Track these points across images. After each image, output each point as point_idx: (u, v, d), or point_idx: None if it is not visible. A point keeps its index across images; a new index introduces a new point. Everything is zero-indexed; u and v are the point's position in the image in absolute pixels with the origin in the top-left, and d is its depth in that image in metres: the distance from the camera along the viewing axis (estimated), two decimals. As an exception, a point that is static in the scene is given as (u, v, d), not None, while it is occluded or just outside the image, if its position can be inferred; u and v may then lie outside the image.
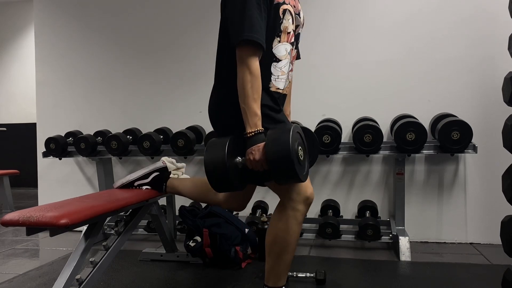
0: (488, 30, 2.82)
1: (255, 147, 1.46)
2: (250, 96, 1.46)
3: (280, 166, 1.41)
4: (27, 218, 1.52)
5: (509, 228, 1.56)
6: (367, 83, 3.02)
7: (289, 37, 1.62)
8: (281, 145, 1.40)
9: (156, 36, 3.42)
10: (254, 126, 1.47)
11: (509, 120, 1.59)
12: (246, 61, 1.46)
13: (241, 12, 1.46)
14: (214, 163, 1.46)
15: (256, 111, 1.47)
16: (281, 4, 1.56)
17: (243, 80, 1.47)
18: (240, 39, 1.45)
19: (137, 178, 2.15)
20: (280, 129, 1.47)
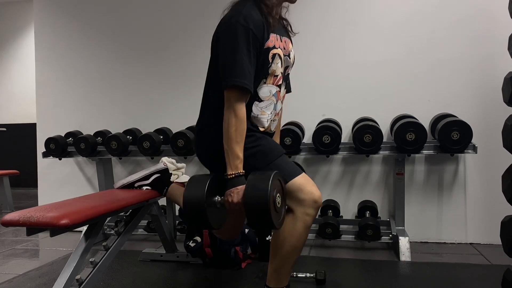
0: (488, 30, 2.82)
1: (234, 190, 1.49)
2: (233, 139, 1.50)
3: (256, 213, 1.44)
4: (27, 218, 1.52)
5: (509, 228, 1.56)
6: (367, 83, 3.02)
7: (275, 80, 1.65)
8: (259, 193, 1.42)
9: (156, 36, 3.42)
10: (235, 168, 1.51)
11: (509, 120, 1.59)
12: (233, 105, 1.50)
13: (232, 57, 1.50)
14: (192, 201, 1.49)
15: (238, 153, 1.51)
16: (271, 48, 1.59)
17: (228, 122, 1.51)
18: (230, 84, 1.49)
19: (138, 179, 2.15)
20: (260, 176, 1.48)
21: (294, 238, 1.58)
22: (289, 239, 1.58)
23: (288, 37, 1.75)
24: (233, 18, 1.52)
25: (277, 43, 1.61)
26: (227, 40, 1.53)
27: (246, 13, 1.52)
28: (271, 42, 1.59)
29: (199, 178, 1.56)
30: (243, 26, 1.49)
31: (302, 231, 1.58)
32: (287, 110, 3.09)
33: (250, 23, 1.50)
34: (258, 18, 1.54)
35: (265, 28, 1.55)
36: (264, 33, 1.55)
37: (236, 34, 1.50)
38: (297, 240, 1.59)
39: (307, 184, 1.60)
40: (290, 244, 1.59)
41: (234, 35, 1.50)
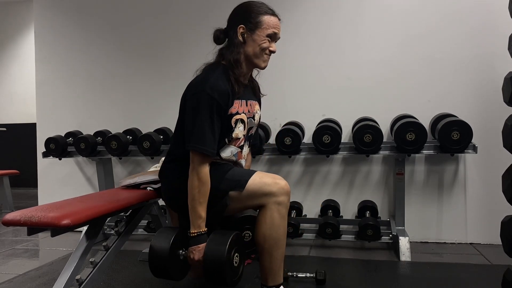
0: (488, 30, 2.82)
1: (195, 248, 1.61)
2: (196, 200, 1.60)
3: (213, 274, 1.58)
4: (28, 218, 1.52)
5: (509, 228, 1.56)
6: (367, 83, 3.02)
7: (237, 142, 1.78)
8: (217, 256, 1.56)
9: (156, 36, 3.42)
10: (197, 227, 1.61)
11: (509, 120, 1.60)
12: (196, 167, 1.61)
13: (194, 123, 1.61)
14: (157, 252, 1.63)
15: (200, 213, 1.61)
16: (234, 115, 1.70)
17: (192, 184, 1.61)
18: (191, 148, 1.61)
19: (146, 182, 2.15)
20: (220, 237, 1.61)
21: (273, 231, 1.64)
22: (269, 233, 1.64)
23: (255, 99, 1.88)
24: (200, 86, 1.64)
25: (241, 109, 1.72)
26: (192, 106, 1.63)
27: (213, 82, 1.63)
28: (235, 108, 1.69)
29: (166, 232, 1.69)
30: (208, 95, 1.60)
31: (279, 222, 1.64)
32: (287, 110, 3.11)
33: (215, 93, 1.61)
34: (224, 88, 1.64)
35: (230, 96, 1.66)
36: (229, 101, 1.66)
37: (200, 102, 1.61)
38: (276, 232, 1.64)
39: (267, 176, 1.69)
40: (271, 238, 1.64)
41: (199, 103, 1.61)
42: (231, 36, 1.73)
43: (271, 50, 1.73)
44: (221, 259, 1.55)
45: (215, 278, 1.59)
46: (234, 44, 1.70)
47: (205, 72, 1.73)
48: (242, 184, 1.66)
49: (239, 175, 1.70)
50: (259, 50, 1.70)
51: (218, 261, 1.55)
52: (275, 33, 1.71)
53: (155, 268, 1.66)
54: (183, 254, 1.67)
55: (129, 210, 2.11)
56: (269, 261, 1.67)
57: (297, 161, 3.13)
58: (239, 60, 1.69)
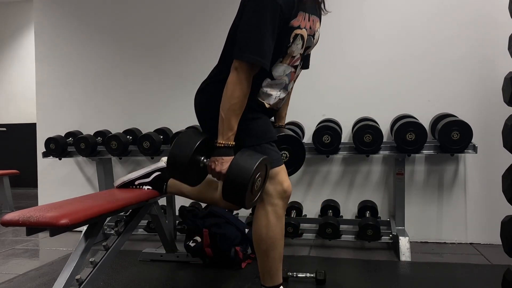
0: (488, 30, 2.82)
1: (219, 159, 1.50)
2: (233, 110, 1.48)
3: (232, 190, 1.49)
4: (27, 218, 1.51)
5: (509, 228, 1.56)
6: (367, 83, 3.02)
7: (292, 61, 1.62)
8: (242, 173, 1.46)
9: (156, 36, 3.42)
10: (226, 139, 1.50)
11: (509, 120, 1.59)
12: (240, 76, 1.46)
13: (254, 30, 1.44)
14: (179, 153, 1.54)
15: (233, 125, 1.50)
16: (295, 28, 1.53)
17: (232, 93, 1.47)
18: (244, 58, 1.44)
19: (138, 177, 2.14)
20: (249, 156, 1.50)
21: (268, 230, 1.60)
22: (264, 232, 1.61)
23: (318, 16, 1.69)
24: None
25: (303, 23, 1.56)
26: (253, 12, 1.45)
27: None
28: (297, 21, 1.53)
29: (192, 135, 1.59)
30: (273, 0, 1.43)
31: (274, 221, 1.60)
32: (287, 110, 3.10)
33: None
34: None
35: (295, 5, 1.50)
36: (293, 10, 1.50)
37: (264, 6, 1.43)
38: (271, 232, 1.60)
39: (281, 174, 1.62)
40: (268, 237, 1.61)
41: (262, 8, 1.44)
42: None
43: None
44: (246, 177, 1.44)
45: (234, 195, 1.50)
46: None
47: None
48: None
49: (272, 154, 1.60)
50: None
51: (243, 179, 1.45)
52: None
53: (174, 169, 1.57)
54: (203, 162, 1.57)
55: (129, 210, 2.11)
56: (266, 261, 1.64)
57: (297, 161, 3.13)
58: None
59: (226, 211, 2.64)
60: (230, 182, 1.48)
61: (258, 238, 1.63)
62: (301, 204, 3.05)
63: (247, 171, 1.45)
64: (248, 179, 1.44)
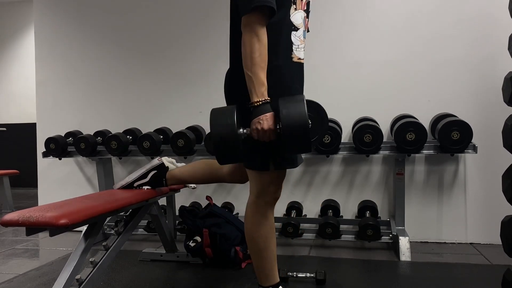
0: (488, 30, 2.82)
1: (262, 117, 1.42)
2: (257, 64, 1.42)
3: (296, 135, 1.38)
4: (26, 218, 1.51)
5: (509, 228, 1.56)
6: (367, 83, 3.01)
7: (302, 4, 1.59)
8: (297, 114, 1.36)
9: (156, 36, 3.42)
10: (261, 95, 1.43)
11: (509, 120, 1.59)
12: (255, 28, 1.41)
13: None
14: (223, 134, 1.43)
15: (263, 80, 1.43)
16: None
17: (251, 47, 1.41)
18: (252, 6, 1.39)
19: (136, 179, 2.14)
20: (292, 99, 1.42)
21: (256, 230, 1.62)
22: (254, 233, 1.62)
23: None
24: None
25: None
26: None
27: None
28: None
29: (223, 110, 1.48)
30: None
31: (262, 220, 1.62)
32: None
33: None
34: None
35: None
36: None
37: None
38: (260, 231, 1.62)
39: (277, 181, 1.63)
40: (257, 237, 1.62)
41: None
42: None
43: None
44: (303, 117, 1.36)
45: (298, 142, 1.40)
46: None
47: None
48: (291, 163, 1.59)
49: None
50: None
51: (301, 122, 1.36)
52: None
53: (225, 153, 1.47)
54: (245, 133, 1.46)
55: (128, 210, 2.11)
56: (260, 261, 1.65)
57: (297, 161, 3.13)
58: None
59: (226, 211, 2.64)
60: (290, 130, 1.37)
61: (249, 239, 1.65)
62: (301, 204, 3.05)
63: (302, 112, 1.36)
64: (306, 120, 1.35)
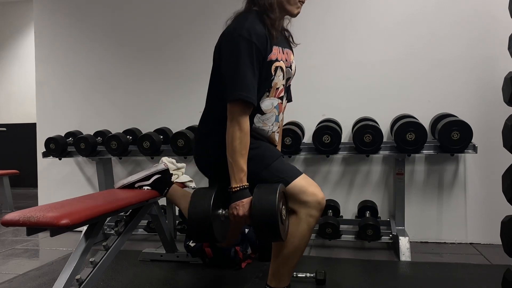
0: (488, 30, 2.82)
1: (239, 203, 1.50)
2: (238, 151, 1.51)
3: (264, 227, 1.46)
4: (27, 218, 1.51)
5: (509, 228, 1.56)
6: (367, 83, 3.02)
7: (277, 93, 1.67)
8: (267, 206, 1.44)
9: (156, 36, 3.42)
10: (239, 181, 1.51)
11: (509, 120, 1.60)
12: (237, 118, 1.50)
13: (235, 70, 1.50)
14: (198, 216, 1.51)
15: (242, 166, 1.51)
16: (274, 61, 1.59)
17: (232, 136, 1.51)
18: (234, 98, 1.49)
19: (138, 180, 2.14)
20: (267, 189, 1.50)
21: (297, 239, 1.59)
22: (292, 240, 1.59)
23: (290, 49, 1.77)
24: (236, 31, 1.52)
25: (280, 56, 1.63)
26: (230, 53, 1.52)
27: (249, 26, 1.52)
28: (274, 55, 1.59)
29: (203, 192, 1.57)
30: (246, 39, 1.49)
31: (306, 233, 1.59)
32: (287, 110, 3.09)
33: (253, 37, 1.50)
34: (261, 31, 1.54)
35: (268, 41, 1.55)
36: (267, 46, 1.55)
37: (239, 48, 1.49)
38: (299, 241, 1.60)
39: (310, 185, 1.60)
40: (293, 245, 1.60)
41: (237, 48, 1.50)
42: None
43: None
44: (273, 209, 1.42)
45: (267, 231, 1.47)
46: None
47: (238, 19, 1.60)
48: (284, 182, 1.57)
49: (284, 171, 1.61)
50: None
51: (271, 212, 1.43)
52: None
53: (199, 234, 1.55)
54: (224, 214, 1.55)
55: (129, 210, 2.11)
56: (282, 266, 1.64)
57: (297, 161, 3.13)
58: (273, 4, 1.59)
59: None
60: (258, 220, 1.46)
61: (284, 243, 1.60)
62: (301, 204, 3.04)
63: (272, 203, 1.43)
64: (275, 211, 1.42)
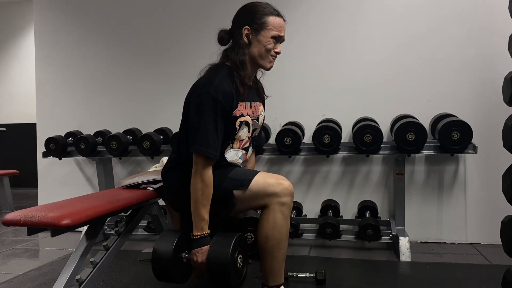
0: (489, 30, 2.82)
1: (199, 250, 1.60)
2: (200, 202, 1.58)
3: (216, 276, 1.57)
4: (28, 218, 1.51)
5: (509, 228, 1.57)
6: (367, 83, 3.02)
7: (241, 144, 1.76)
8: (221, 256, 1.55)
9: (156, 36, 3.42)
10: (200, 229, 1.60)
11: (509, 120, 1.60)
12: (199, 170, 1.59)
13: (198, 125, 1.60)
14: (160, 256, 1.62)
15: (204, 216, 1.59)
16: (239, 117, 1.68)
17: (195, 187, 1.59)
18: (195, 151, 1.59)
19: (145, 182, 2.14)
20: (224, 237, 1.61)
21: (276, 231, 1.63)
22: (272, 233, 1.63)
23: (260, 101, 1.86)
24: (204, 88, 1.61)
25: (245, 111, 1.71)
26: (196, 108, 1.62)
27: (217, 83, 1.61)
28: (239, 110, 1.68)
29: (169, 235, 1.68)
30: (213, 97, 1.58)
31: (282, 222, 1.63)
32: (287, 110, 3.11)
33: (219, 95, 1.59)
34: (229, 90, 1.62)
35: (234, 98, 1.64)
36: (233, 103, 1.64)
37: (204, 104, 1.59)
38: (279, 232, 1.63)
39: (271, 177, 1.67)
40: (273, 238, 1.63)
41: (203, 105, 1.59)
42: (236, 37, 1.70)
43: (276, 52, 1.71)
44: (224, 261, 1.54)
45: (219, 280, 1.58)
46: (239, 45, 1.68)
47: (209, 74, 1.70)
48: (245, 183, 1.64)
49: (242, 174, 1.69)
50: (264, 51, 1.68)
51: (222, 263, 1.54)
52: (279, 36, 1.69)
53: (159, 272, 1.65)
54: (186, 257, 1.66)
55: (129, 210, 2.11)
56: (270, 261, 1.66)
57: (297, 161, 3.13)
58: (245, 61, 1.68)
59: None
60: (211, 270, 1.57)
61: (264, 238, 1.65)
62: (301, 204, 3.05)
63: (225, 254, 1.54)
64: (228, 261, 1.53)
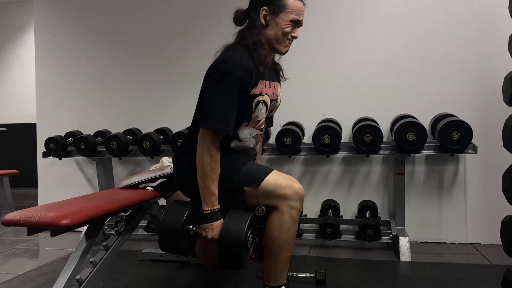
0: (488, 30, 2.82)
1: (209, 226, 1.55)
2: (208, 177, 1.55)
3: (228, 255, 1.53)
4: (28, 218, 1.51)
5: (509, 228, 1.57)
6: (367, 83, 3.02)
7: (257, 124, 1.72)
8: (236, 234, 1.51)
9: (156, 36, 3.42)
10: (210, 205, 1.56)
11: (509, 120, 1.60)
12: (208, 143, 1.55)
13: (216, 100, 1.55)
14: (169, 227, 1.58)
15: (213, 190, 1.56)
16: (257, 95, 1.63)
17: (203, 161, 1.55)
18: (208, 126, 1.54)
19: (143, 181, 2.14)
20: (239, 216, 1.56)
21: (283, 233, 1.61)
22: (278, 235, 1.61)
23: (278, 81, 1.82)
24: (222, 63, 1.57)
25: (265, 90, 1.67)
26: (215, 83, 1.56)
27: (236, 59, 1.56)
28: (258, 89, 1.63)
29: (178, 207, 1.64)
30: (231, 72, 1.53)
31: (290, 225, 1.61)
32: (287, 110, 3.11)
33: (238, 70, 1.54)
34: (248, 65, 1.58)
35: (253, 75, 1.59)
36: (252, 79, 1.59)
37: (222, 79, 1.54)
38: (286, 235, 1.61)
39: (284, 178, 1.64)
40: (280, 240, 1.61)
41: (220, 79, 1.54)
42: (252, 17, 1.66)
43: (293, 36, 1.67)
44: (239, 240, 1.49)
45: (231, 258, 1.54)
46: (256, 26, 1.64)
47: (226, 52, 1.64)
48: (257, 181, 1.61)
49: (255, 171, 1.65)
50: (281, 35, 1.64)
51: (237, 243, 1.50)
52: (298, 20, 1.66)
53: (166, 243, 1.61)
54: (193, 230, 1.61)
55: (129, 210, 2.11)
56: (274, 262, 1.65)
57: (297, 161, 3.13)
58: (261, 42, 1.63)
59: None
60: (224, 246, 1.52)
61: (270, 239, 1.62)
62: (301, 204, 3.04)
63: (240, 233, 1.50)
64: (242, 240, 1.49)
